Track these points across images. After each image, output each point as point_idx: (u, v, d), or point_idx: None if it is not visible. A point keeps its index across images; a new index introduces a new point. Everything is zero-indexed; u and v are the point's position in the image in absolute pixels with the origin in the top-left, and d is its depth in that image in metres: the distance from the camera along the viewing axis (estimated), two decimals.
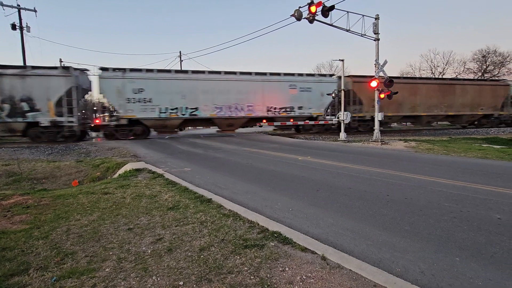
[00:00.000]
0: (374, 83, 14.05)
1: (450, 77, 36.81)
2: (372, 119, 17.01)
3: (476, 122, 24.82)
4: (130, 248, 3.12)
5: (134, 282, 2.46)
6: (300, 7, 12.21)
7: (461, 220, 3.83)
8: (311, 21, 12.44)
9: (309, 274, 2.54)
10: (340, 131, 16.68)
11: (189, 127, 20.04)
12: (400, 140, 15.12)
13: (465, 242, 3.19)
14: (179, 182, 6.12)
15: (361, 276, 2.49)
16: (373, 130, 15.07)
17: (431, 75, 43.48)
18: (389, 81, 13.73)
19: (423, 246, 3.12)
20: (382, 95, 14.09)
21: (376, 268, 2.64)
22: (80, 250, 3.09)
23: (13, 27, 22.04)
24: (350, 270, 2.59)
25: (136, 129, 17.26)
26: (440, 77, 38.40)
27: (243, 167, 8.20)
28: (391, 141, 14.64)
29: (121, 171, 7.99)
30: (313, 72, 30.07)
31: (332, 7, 12.32)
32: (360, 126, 21.16)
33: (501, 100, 24.26)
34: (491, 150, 10.86)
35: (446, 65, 43.15)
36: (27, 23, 22.65)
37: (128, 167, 8.08)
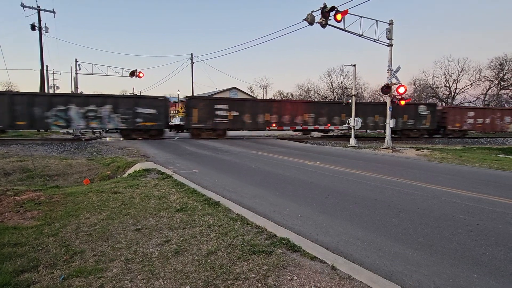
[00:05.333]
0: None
1: None
2: None
3: None
4: (138, 249, 3.11)
5: (141, 284, 2.45)
6: (313, 12, 12.17)
7: (478, 234, 3.68)
8: (323, 26, 12.37)
9: (318, 285, 2.46)
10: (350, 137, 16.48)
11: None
12: (412, 148, 14.78)
13: (483, 258, 3.05)
14: (188, 183, 6.13)
15: None
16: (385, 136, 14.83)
17: (445, 82, 42.56)
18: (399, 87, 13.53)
19: (437, 260, 3.00)
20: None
21: (388, 281, 2.55)
22: (88, 249, 3.11)
23: (33, 27, 22.85)
24: (361, 282, 2.51)
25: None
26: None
27: (251, 170, 8.16)
28: (403, 148, 14.33)
29: (130, 170, 8.07)
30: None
31: (345, 12, 12.24)
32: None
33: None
34: (508, 161, 10.48)
35: (460, 73, 42.19)
36: (45, 24, 23.43)
37: (137, 167, 8.16)
